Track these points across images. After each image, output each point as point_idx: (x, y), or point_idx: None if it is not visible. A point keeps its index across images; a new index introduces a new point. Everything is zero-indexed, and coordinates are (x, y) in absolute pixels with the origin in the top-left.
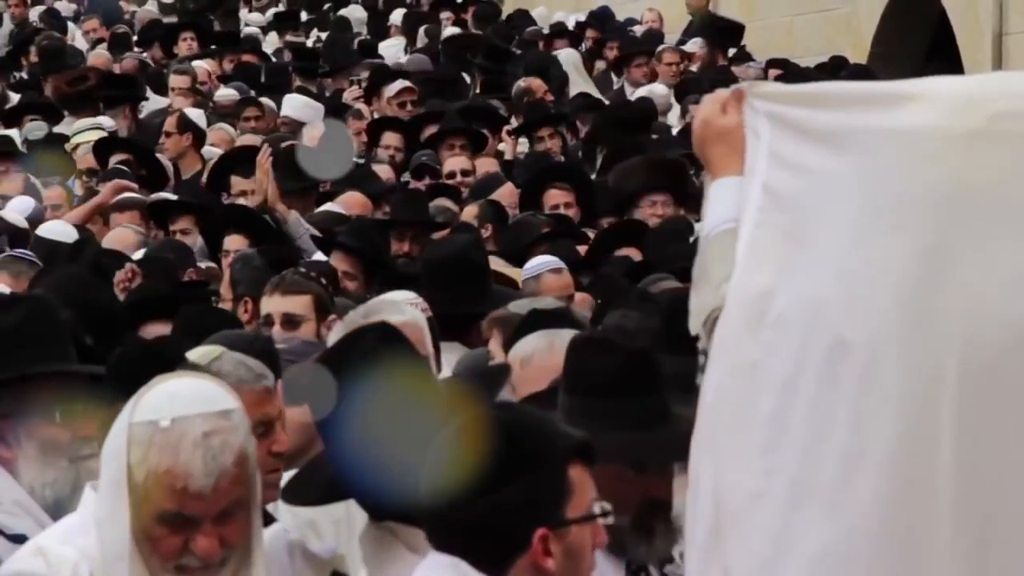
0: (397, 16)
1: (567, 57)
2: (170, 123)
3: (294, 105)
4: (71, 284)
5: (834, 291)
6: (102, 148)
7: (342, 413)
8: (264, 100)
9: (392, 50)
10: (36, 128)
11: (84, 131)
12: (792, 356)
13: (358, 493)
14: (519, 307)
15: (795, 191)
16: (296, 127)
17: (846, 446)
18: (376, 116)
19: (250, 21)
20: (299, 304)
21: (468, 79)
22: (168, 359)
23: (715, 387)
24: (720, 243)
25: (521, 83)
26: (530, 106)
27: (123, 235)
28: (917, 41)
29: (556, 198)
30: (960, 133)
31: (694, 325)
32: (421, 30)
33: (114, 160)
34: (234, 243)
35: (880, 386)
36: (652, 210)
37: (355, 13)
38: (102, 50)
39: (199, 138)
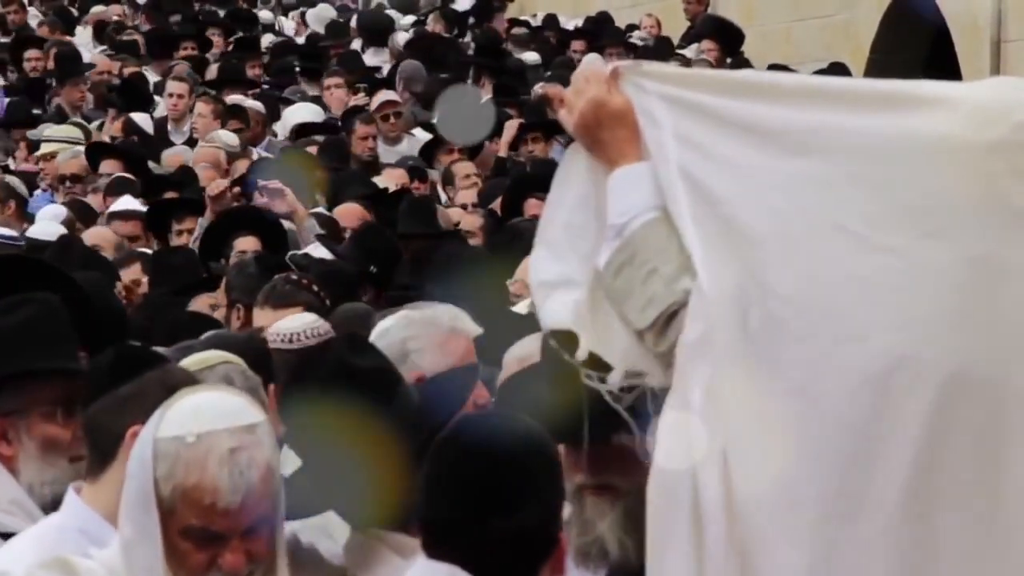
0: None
1: (592, 61)
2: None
3: (304, 115)
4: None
5: (851, 296)
6: (93, 154)
7: (314, 424)
8: (252, 105)
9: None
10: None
11: (59, 141)
12: (806, 362)
13: (337, 505)
14: None
15: (727, 186)
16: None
17: (888, 454)
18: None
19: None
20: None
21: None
22: (145, 361)
23: (706, 386)
24: (650, 233)
25: (538, 88)
26: (528, 108)
27: (102, 233)
28: (916, 48)
29: (536, 208)
30: (984, 143)
31: (643, 318)
32: (395, 36)
33: (104, 167)
34: (248, 244)
35: (930, 393)
36: None
37: (325, 13)
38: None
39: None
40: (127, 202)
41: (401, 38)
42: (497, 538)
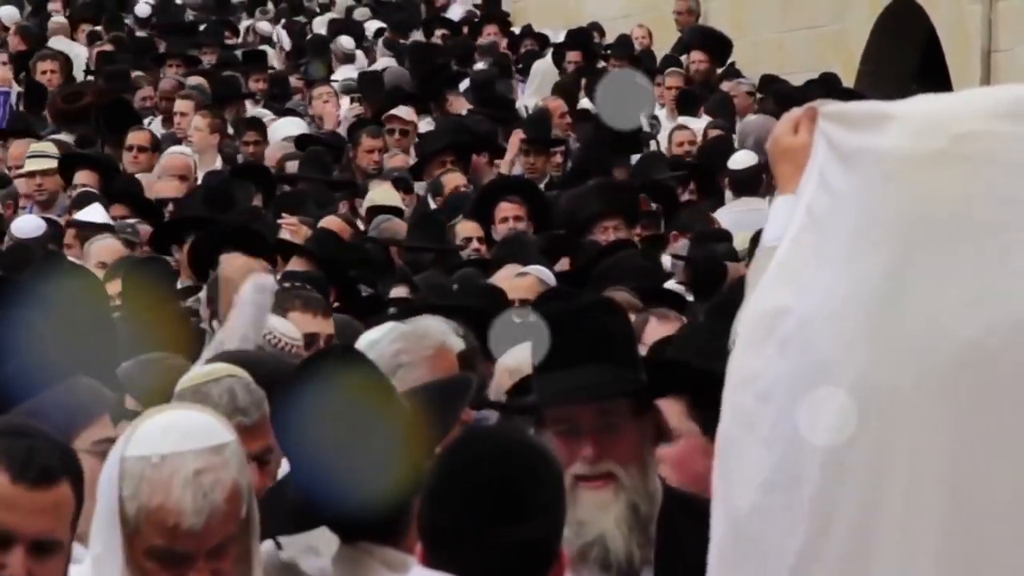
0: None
1: (542, 67)
2: (143, 139)
3: (290, 128)
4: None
5: (821, 310)
6: (67, 165)
7: (308, 435)
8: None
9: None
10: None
11: (35, 157)
12: (788, 373)
13: (329, 517)
14: None
15: (824, 211)
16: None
17: (820, 461)
18: None
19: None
20: (332, 325)
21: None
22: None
23: (725, 400)
24: (763, 260)
25: (540, 102)
26: (530, 122)
27: (111, 245)
28: (907, 58)
29: (506, 211)
30: (923, 155)
31: (731, 342)
32: (339, 40)
33: (79, 178)
34: None
35: (842, 403)
36: (605, 235)
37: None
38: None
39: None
40: (91, 213)
41: (345, 41)
42: (499, 547)
